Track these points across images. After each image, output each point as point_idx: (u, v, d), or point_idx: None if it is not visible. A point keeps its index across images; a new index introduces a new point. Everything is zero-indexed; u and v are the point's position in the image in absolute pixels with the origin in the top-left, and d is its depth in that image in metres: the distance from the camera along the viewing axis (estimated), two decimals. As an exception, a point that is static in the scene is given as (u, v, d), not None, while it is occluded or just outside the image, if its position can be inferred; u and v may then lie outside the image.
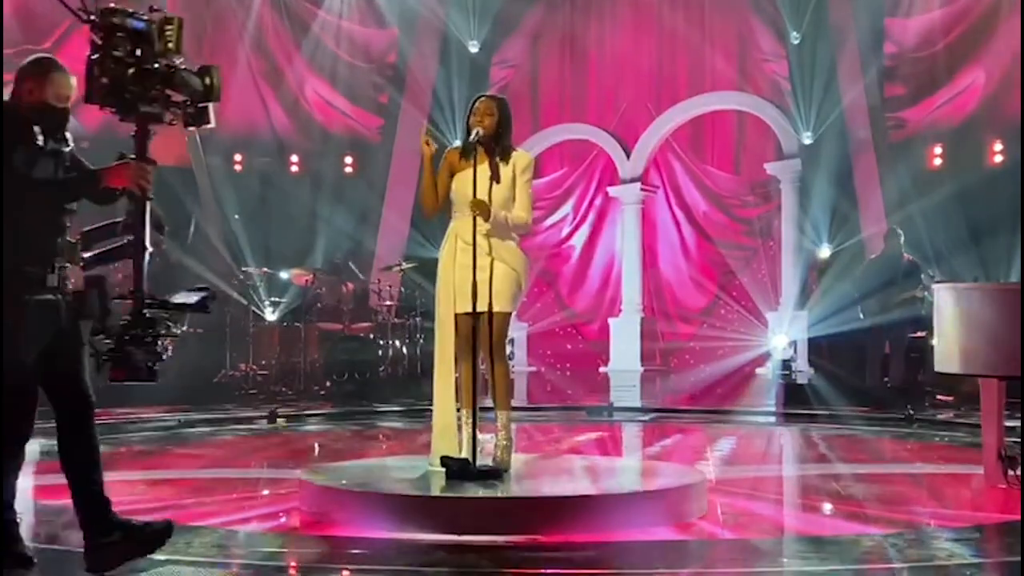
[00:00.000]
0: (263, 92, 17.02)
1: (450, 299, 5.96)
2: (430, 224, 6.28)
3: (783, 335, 15.69)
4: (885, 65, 16.01)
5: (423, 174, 6.10)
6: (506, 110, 6.04)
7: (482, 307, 5.74)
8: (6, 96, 4.72)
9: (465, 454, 5.81)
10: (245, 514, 5.79)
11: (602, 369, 16.57)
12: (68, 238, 4.62)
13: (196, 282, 13.91)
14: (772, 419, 11.32)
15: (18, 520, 4.65)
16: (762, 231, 17.10)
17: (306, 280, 13.69)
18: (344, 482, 5.78)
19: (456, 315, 5.94)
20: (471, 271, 5.74)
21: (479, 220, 5.75)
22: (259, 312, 13.40)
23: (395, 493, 5.56)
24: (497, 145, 5.97)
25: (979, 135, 15.33)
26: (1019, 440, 6.76)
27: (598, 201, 17.73)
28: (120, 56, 4.52)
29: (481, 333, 5.80)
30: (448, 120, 16.58)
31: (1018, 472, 6.38)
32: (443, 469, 5.76)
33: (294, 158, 16.87)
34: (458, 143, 6.21)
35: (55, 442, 4.66)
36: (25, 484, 7.23)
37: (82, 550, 4.51)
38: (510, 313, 5.97)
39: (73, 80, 4.85)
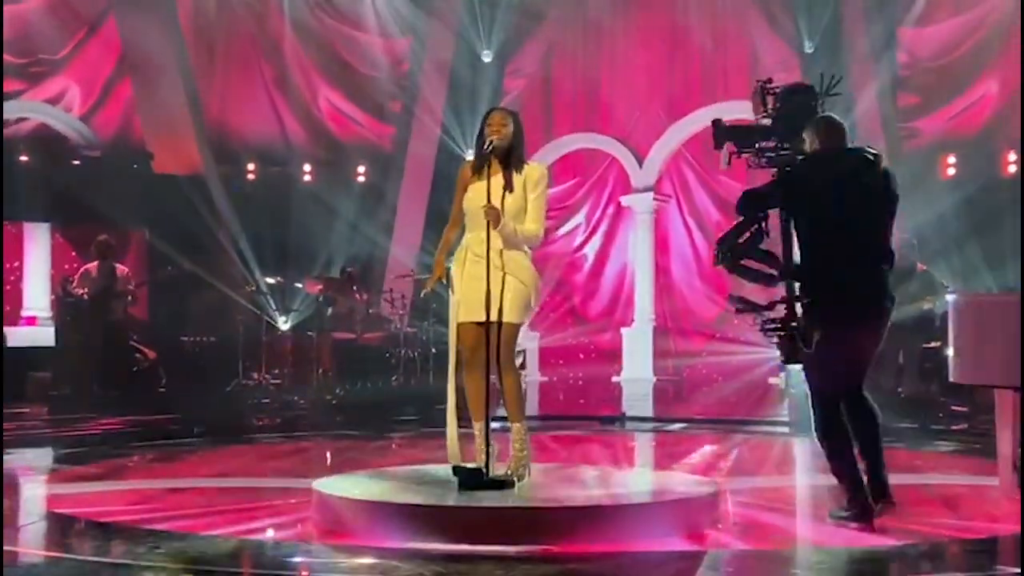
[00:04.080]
0: (276, 101, 17.06)
1: (458, 310, 5.99)
2: (441, 231, 6.29)
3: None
4: (898, 75, 15.99)
5: (454, 207, 6.14)
6: (520, 123, 6.08)
7: (492, 318, 5.75)
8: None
9: (479, 464, 5.81)
10: (258, 523, 5.79)
11: (614, 379, 16.54)
12: None
13: (210, 291, 14.01)
14: (786, 429, 11.28)
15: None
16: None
17: (318, 289, 13.70)
18: (357, 491, 5.78)
19: (460, 324, 5.97)
20: (481, 282, 5.75)
21: (492, 233, 5.77)
22: (272, 321, 13.41)
23: (408, 503, 5.56)
24: (511, 156, 5.99)
25: (993, 145, 15.29)
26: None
27: (610, 210, 17.73)
28: None
29: (490, 344, 5.80)
30: (461, 130, 16.60)
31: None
32: (457, 478, 5.75)
33: (307, 167, 16.89)
34: (470, 156, 6.22)
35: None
36: (39, 493, 7.28)
37: None
38: (519, 325, 5.97)
39: None
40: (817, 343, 5.68)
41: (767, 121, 6.19)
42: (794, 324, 5.82)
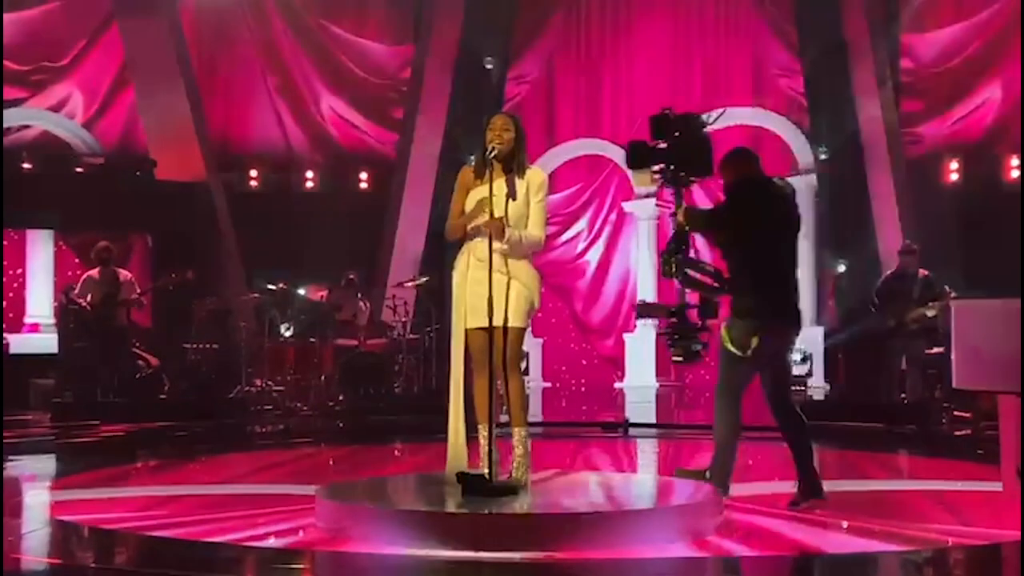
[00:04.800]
0: (279, 108, 17.10)
1: (462, 315, 5.98)
2: (444, 239, 6.30)
3: (798, 350, 15.65)
4: (901, 80, 16.00)
5: (454, 207, 6.13)
6: (521, 128, 6.10)
7: (496, 322, 5.74)
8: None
9: (482, 469, 5.81)
10: (261, 530, 5.78)
11: (617, 385, 16.53)
12: None
13: (213, 297, 14.01)
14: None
15: None
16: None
17: (321, 296, 13.70)
18: (360, 498, 5.78)
19: (467, 331, 5.97)
20: (485, 287, 5.75)
21: (494, 239, 5.77)
22: (274, 328, 13.40)
23: (411, 509, 5.56)
24: (513, 161, 6.01)
25: (996, 150, 15.30)
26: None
27: (613, 216, 17.74)
28: None
29: (495, 349, 5.80)
30: (464, 136, 16.59)
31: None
32: (459, 484, 5.75)
33: (309, 174, 16.92)
34: (472, 161, 6.21)
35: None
36: (42, 500, 7.28)
37: None
38: (524, 329, 5.99)
39: None
40: (755, 349, 6.36)
41: (663, 145, 6.53)
42: (687, 328, 6.56)
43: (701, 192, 17.28)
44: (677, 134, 6.45)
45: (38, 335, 15.11)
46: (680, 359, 6.58)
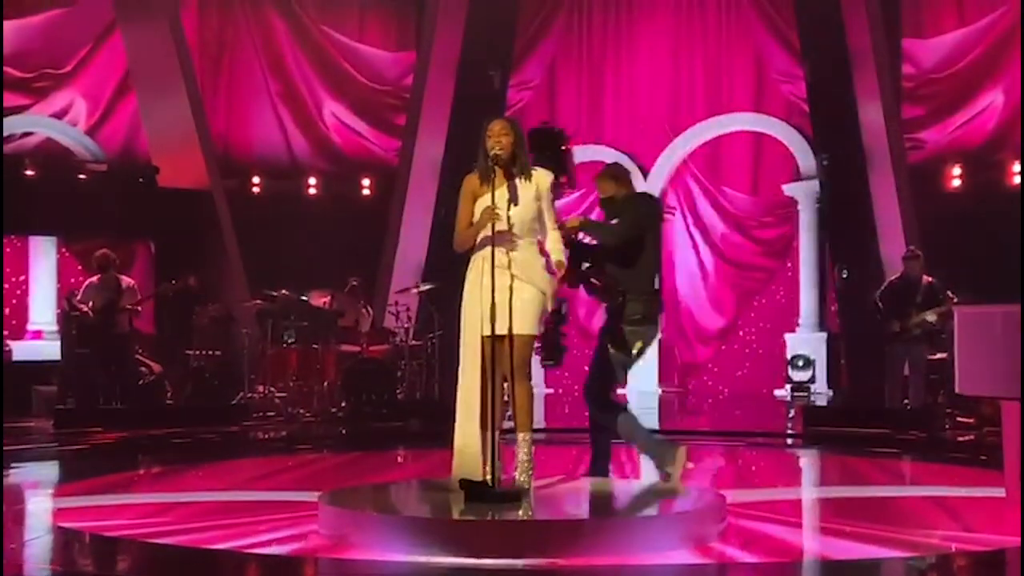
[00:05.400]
0: (281, 114, 17.12)
1: (477, 322, 5.93)
2: (447, 246, 6.30)
3: (801, 356, 15.67)
4: (903, 86, 16.00)
5: (462, 217, 6.13)
6: (520, 131, 6.10)
7: (505, 329, 5.73)
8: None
9: (486, 476, 5.80)
10: (263, 537, 5.78)
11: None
12: None
13: (215, 304, 14.01)
14: (790, 441, 11.28)
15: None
16: (780, 252, 17.11)
17: (324, 302, 13.69)
18: (363, 505, 5.78)
19: (483, 338, 5.94)
20: (503, 294, 5.73)
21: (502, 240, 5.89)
22: (277, 334, 13.39)
23: (414, 516, 5.55)
24: (515, 165, 6.01)
25: (998, 156, 15.29)
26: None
27: (615, 222, 17.73)
28: None
29: (504, 355, 5.80)
30: (466, 143, 16.58)
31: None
32: (462, 492, 5.74)
33: (312, 180, 16.94)
34: (475, 168, 6.19)
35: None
36: (44, 507, 7.28)
37: None
38: (534, 336, 5.98)
39: None
40: (639, 351, 6.81)
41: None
42: (554, 333, 6.57)
43: (707, 203, 17.33)
44: (564, 148, 6.75)
45: (41, 342, 15.13)
46: (551, 363, 6.66)
